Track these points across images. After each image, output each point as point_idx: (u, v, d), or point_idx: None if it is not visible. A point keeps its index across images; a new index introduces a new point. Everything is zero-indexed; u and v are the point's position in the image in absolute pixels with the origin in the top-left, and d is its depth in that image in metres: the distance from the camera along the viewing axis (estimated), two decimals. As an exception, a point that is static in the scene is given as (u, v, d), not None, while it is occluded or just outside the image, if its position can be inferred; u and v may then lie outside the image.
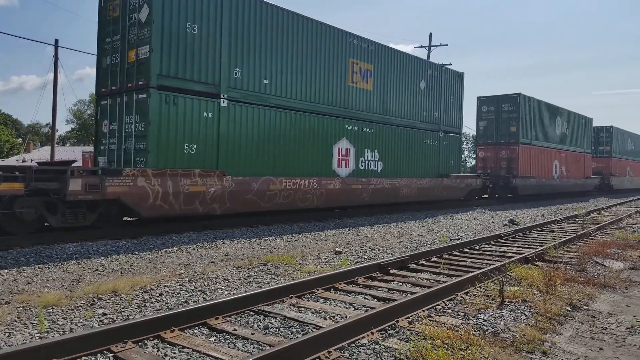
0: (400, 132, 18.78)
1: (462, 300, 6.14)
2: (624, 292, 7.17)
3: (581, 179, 35.63)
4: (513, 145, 27.18)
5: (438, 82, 20.92)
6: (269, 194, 13.34)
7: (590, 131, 37.83)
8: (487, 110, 28.28)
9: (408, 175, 18.98)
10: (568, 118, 33.70)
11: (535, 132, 28.71)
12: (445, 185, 21.06)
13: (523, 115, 27.43)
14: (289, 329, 4.94)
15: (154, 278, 6.95)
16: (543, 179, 29.46)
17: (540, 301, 6.06)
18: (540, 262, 8.78)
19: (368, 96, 17.22)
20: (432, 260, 8.71)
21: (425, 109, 20.16)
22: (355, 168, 16.65)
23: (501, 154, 27.57)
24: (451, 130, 21.95)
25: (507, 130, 27.38)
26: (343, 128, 16.14)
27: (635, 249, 10.83)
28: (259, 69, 13.43)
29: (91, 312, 5.26)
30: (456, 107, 22.30)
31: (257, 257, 8.92)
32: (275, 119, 13.92)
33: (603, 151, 42.33)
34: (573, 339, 5.06)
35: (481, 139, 28.67)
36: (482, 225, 15.24)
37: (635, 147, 49.50)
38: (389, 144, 18.13)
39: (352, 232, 12.89)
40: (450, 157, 21.87)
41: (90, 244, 9.52)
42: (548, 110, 30.80)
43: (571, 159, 33.97)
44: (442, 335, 4.63)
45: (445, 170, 21.34)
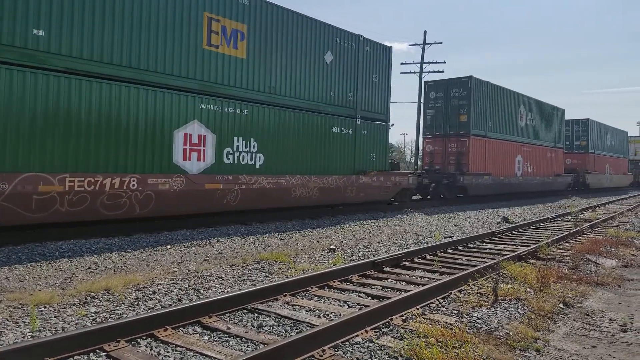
0: (292, 117, 14.35)
1: (456, 298, 6.16)
2: (617, 289, 7.22)
3: (551, 177, 31.82)
4: (463, 138, 23.28)
5: (353, 55, 16.47)
6: (37, 200, 9.05)
7: (562, 124, 34.30)
8: (435, 97, 24.33)
9: (305, 172, 14.68)
10: (535, 108, 29.85)
11: (492, 123, 24.92)
12: (363, 184, 16.74)
13: (475, 103, 23.55)
14: (283, 327, 4.93)
15: (147, 276, 6.92)
16: (502, 177, 25.75)
17: (534, 299, 6.09)
18: (534, 260, 8.82)
19: (239, 66, 12.79)
20: (426, 258, 8.72)
21: (333, 88, 15.74)
22: (216, 162, 12.30)
23: (450, 148, 23.74)
24: (373, 116, 17.45)
25: (456, 120, 23.52)
26: (194, 107, 11.74)
27: (628, 246, 10.91)
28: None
29: (84, 311, 5.23)
30: (381, 88, 17.82)
31: (251, 255, 8.90)
32: (62, 89, 9.50)
33: (579, 146, 38.68)
34: (566, 337, 5.09)
35: (428, 131, 24.62)
36: (476, 223, 15.28)
37: (616, 143, 45.75)
38: (274, 131, 13.78)
39: (347, 230, 12.89)
40: (372, 150, 17.43)
41: (82, 241, 9.45)
42: (509, 97, 26.92)
43: (538, 154, 30.13)
44: (436, 333, 4.64)
45: (364, 165, 16.99)
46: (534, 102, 29.96)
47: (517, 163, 27.51)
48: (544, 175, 30.84)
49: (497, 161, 25.46)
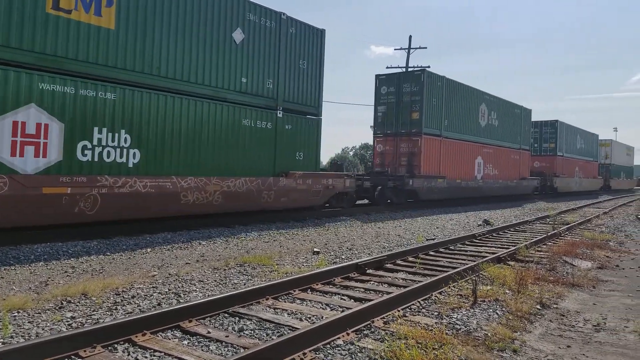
0: (185, 105, 11.81)
1: (437, 299, 6.21)
2: (592, 290, 7.35)
3: (515, 180, 30.09)
4: (415, 137, 21.38)
5: (273, 36, 14.07)
6: None
7: (529, 125, 32.66)
8: (386, 92, 22.24)
9: (202, 172, 12.16)
10: (498, 107, 27.98)
11: (449, 122, 23.12)
12: (284, 187, 14.26)
13: (429, 99, 21.68)
14: (264, 330, 4.91)
15: (126, 280, 6.83)
16: (459, 180, 23.77)
17: (512, 300, 6.17)
18: (513, 262, 8.94)
19: (104, 38, 10.32)
20: (408, 260, 8.77)
21: (245, 73, 13.32)
22: (65, 159, 9.74)
23: (401, 148, 21.75)
24: (301, 109, 15.18)
25: (408, 117, 21.55)
26: (30, 87, 9.21)
27: (603, 248, 11.13)
28: None
29: (59, 316, 5.14)
30: (311, 77, 15.43)
31: (234, 257, 8.85)
32: None
33: (547, 149, 37.06)
34: (542, 337, 5.16)
35: (379, 129, 22.55)
36: (458, 225, 15.43)
37: (586, 146, 44.31)
38: (157, 122, 11.20)
39: (331, 232, 12.91)
40: (300, 148, 15.08)
41: (59, 244, 9.29)
42: (468, 94, 24.89)
43: (502, 156, 28.42)
44: (416, 334, 4.67)
45: (287, 166, 14.58)
46: (497, 101, 28.16)
47: (477, 165, 25.69)
48: (508, 178, 29.20)
49: (454, 163, 23.64)
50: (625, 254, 10.81)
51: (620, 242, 12.59)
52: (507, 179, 28.99)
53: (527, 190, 32.01)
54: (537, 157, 36.70)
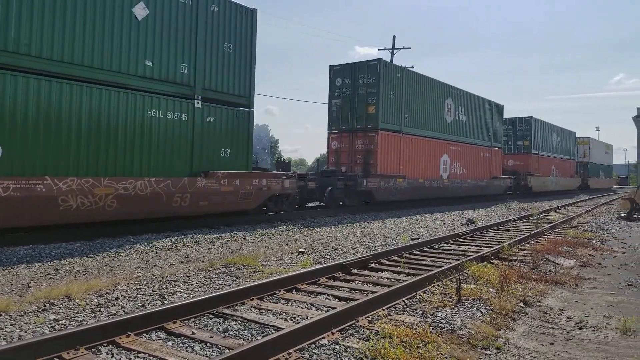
0: (66, 91, 9.93)
1: (421, 298, 6.25)
2: (574, 288, 7.46)
3: (486, 180, 28.48)
4: (371, 133, 19.59)
5: (189, 14, 12.17)
6: None
7: (501, 121, 30.88)
8: (341, 84, 20.42)
9: (89, 172, 10.26)
10: (466, 102, 26.18)
11: (410, 117, 21.50)
12: (203, 189, 12.21)
13: (386, 91, 19.86)
14: (249, 331, 4.91)
15: (110, 282, 6.77)
16: (421, 180, 22.09)
17: (495, 298, 6.23)
18: (496, 261, 9.03)
19: None
20: (393, 260, 8.82)
21: (151, 55, 11.44)
22: None
23: (357, 145, 19.98)
24: (227, 100, 13.29)
25: (364, 111, 19.81)
26: None
27: (585, 246, 11.29)
28: None
29: (42, 318, 5.08)
30: (240, 63, 13.50)
31: (219, 258, 8.82)
32: None
33: (521, 146, 35.66)
34: (526, 335, 5.23)
35: (334, 125, 20.78)
36: (442, 225, 15.54)
37: (563, 144, 42.82)
38: (24, 111, 9.33)
39: (316, 233, 12.91)
40: (226, 143, 13.18)
41: (42, 246, 9.18)
42: (432, 88, 23.23)
43: (471, 154, 26.74)
44: (401, 333, 4.70)
45: (210, 164, 12.64)
46: (465, 95, 26.29)
47: (442, 164, 24.03)
48: (478, 177, 27.60)
49: (416, 161, 21.99)
50: (608, 252, 10.97)
51: (602, 240, 12.78)
52: (476, 178, 27.41)
53: (499, 190, 30.69)
54: (511, 156, 35.75)
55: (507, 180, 31.71)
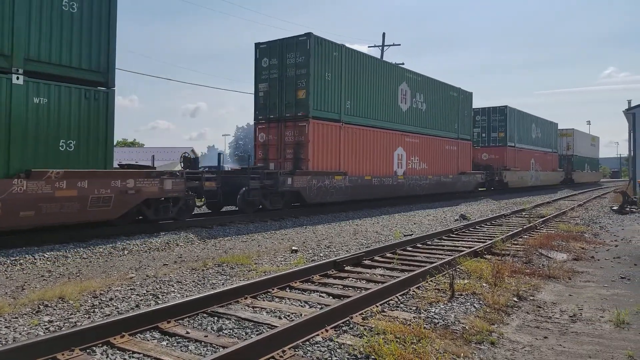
0: None
1: (415, 294, 6.27)
2: (567, 282, 7.51)
3: (452, 176, 25.86)
4: (301, 122, 16.38)
5: None
6: None
7: (469, 110, 28.18)
8: (268, 64, 17.12)
9: None
10: (425, 88, 23.42)
11: (353, 104, 18.43)
12: (21, 195, 8.96)
13: (319, 72, 16.67)
14: (243, 329, 4.91)
15: (104, 282, 6.76)
16: (368, 177, 19.06)
17: (489, 293, 6.27)
18: (489, 255, 9.08)
19: None
20: (386, 256, 8.84)
21: None
22: None
23: (287, 137, 16.73)
24: (72, 75, 10.16)
25: (293, 97, 16.57)
26: None
27: (578, 240, 11.36)
28: None
29: (36, 320, 5.06)
30: (92, 27, 10.43)
31: (212, 258, 8.81)
32: None
33: (496, 139, 33.07)
34: (519, 329, 5.26)
35: (261, 113, 17.42)
36: (435, 221, 15.59)
37: (543, 135, 39.73)
38: None
39: (309, 231, 12.92)
40: (66, 134, 10.03)
41: (35, 248, 9.14)
42: (381, 71, 20.31)
43: (432, 147, 24.09)
44: (395, 329, 4.72)
45: (41, 160, 9.62)
46: (425, 81, 23.36)
47: (397, 158, 21.14)
48: (442, 173, 24.92)
49: (362, 156, 18.96)
50: (600, 245, 11.05)
51: (595, 234, 12.87)
52: (440, 174, 24.70)
53: (468, 186, 27.94)
54: (485, 149, 33.52)
55: (477, 176, 29.15)
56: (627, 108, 28.01)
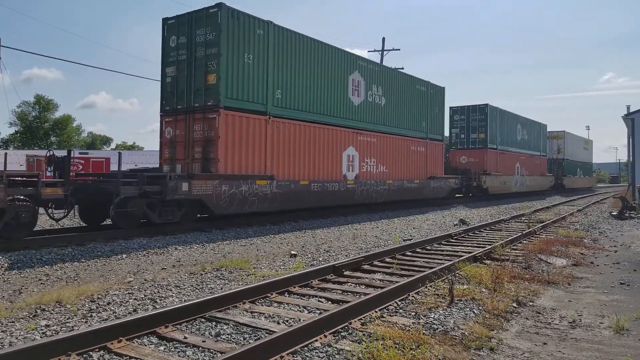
0: None
1: (414, 299, 6.25)
2: (567, 287, 7.49)
3: (418, 181, 22.69)
4: (211, 114, 13.38)
5: None
6: None
7: (441, 107, 25.15)
8: (176, 44, 14.24)
9: None
10: (384, 79, 20.32)
11: (285, 94, 15.37)
12: None
13: (235, 53, 13.67)
14: (241, 335, 4.88)
15: (102, 286, 6.73)
16: (305, 182, 15.86)
17: (488, 299, 6.24)
18: (489, 261, 9.06)
19: None
20: (385, 261, 8.82)
21: None
22: None
23: (196, 132, 13.74)
24: None
25: (202, 82, 13.61)
26: None
27: (577, 245, 11.34)
28: None
29: (33, 324, 5.04)
30: None
31: (211, 262, 8.79)
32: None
33: (476, 140, 30.18)
34: (519, 335, 5.24)
35: (168, 104, 14.50)
36: (434, 226, 15.57)
37: (530, 137, 36.85)
38: None
39: (308, 235, 12.90)
40: None
41: (33, 252, 9.11)
42: (325, 56, 17.05)
43: (394, 148, 20.98)
44: (394, 335, 4.69)
45: None
46: (383, 71, 20.54)
47: (347, 160, 18.06)
48: (406, 178, 21.79)
49: (298, 156, 15.82)
50: (600, 250, 11.03)
51: (594, 239, 12.85)
52: (403, 179, 21.57)
53: (439, 192, 24.80)
54: (464, 151, 30.58)
55: (449, 181, 25.96)
56: (626, 113, 28.06)
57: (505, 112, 32.69)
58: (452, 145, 31.45)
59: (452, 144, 31.49)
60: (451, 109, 31.24)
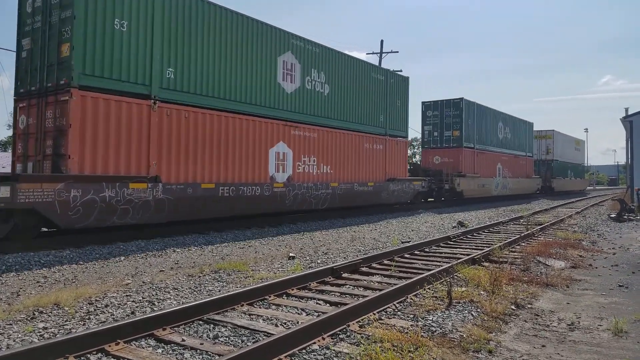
0: None
1: (412, 302, 6.24)
2: (565, 290, 7.49)
3: (374, 184, 19.78)
4: (63, 95, 10.46)
5: None
6: None
7: (405, 99, 22.32)
8: (33, 9, 11.38)
9: None
10: (327, 64, 17.47)
11: (182, 72, 12.47)
12: None
13: (96, 15, 10.72)
14: (239, 337, 4.87)
15: (100, 289, 6.71)
16: (210, 185, 12.97)
17: (487, 301, 6.24)
18: (487, 263, 9.06)
19: None
20: (383, 263, 8.81)
21: None
22: None
23: (48, 121, 10.82)
24: None
25: (55, 53, 10.75)
26: None
27: (576, 248, 11.35)
28: None
29: (31, 327, 5.02)
30: None
31: (209, 264, 8.77)
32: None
33: (450, 138, 27.51)
34: (517, 337, 5.23)
35: (22, 85, 11.59)
36: (433, 228, 15.57)
37: (514, 136, 34.16)
38: None
39: (306, 237, 12.89)
40: None
41: (31, 254, 9.09)
42: (240, 29, 14.11)
43: (341, 145, 18.21)
44: (392, 337, 4.69)
45: None
46: (326, 54, 17.39)
47: (275, 159, 15.29)
48: (357, 180, 18.92)
49: (202, 154, 12.86)
50: (598, 253, 11.04)
51: (593, 241, 12.86)
52: (354, 182, 18.74)
53: (400, 197, 21.85)
54: (437, 151, 28.03)
55: (414, 184, 23.00)
56: (624, 116, 28.11)
57: (483, 107, 29.59)
58: (425, 144, 29.01)
59: (425, 143, 29.00)
60: (424, 104, 28.80)
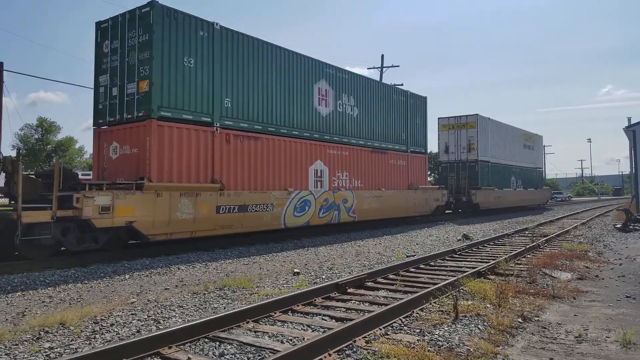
0: None
1: (418, 316, 6.21)
2: (572, 301, 7.43)
3: None
4: None
5: None
6: None
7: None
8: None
9: None
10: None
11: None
12: None
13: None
14: (245, 354, 4.86)
15: (105, 308, 6.71)
16: None
17: (493, 314, 6.20)
18: (493, 276, 9.00)
19: None
20: (389, 278, 8.78)
21: None
22: None
23: None
24: None
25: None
26: None
27: (582, 259, 11.27)
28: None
29: (37, 347, 5.02)
30: None
31: (214, 281, 8.76)
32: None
33: None
34: (525, 350, 5.19)
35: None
36: (438, 241, 15.51)
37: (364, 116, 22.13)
38: None
39: (311, 252, 12.86)
40: None
41: (36, 274, 9.10)
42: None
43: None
44: (399, 352, 4.66)
45: None
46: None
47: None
48: None
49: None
50: (605, 264, 10.96)
51: (599, 252, 12.77)
52: None
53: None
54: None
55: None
56: (627, 125, 28.09)
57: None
58: None
59: None
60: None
